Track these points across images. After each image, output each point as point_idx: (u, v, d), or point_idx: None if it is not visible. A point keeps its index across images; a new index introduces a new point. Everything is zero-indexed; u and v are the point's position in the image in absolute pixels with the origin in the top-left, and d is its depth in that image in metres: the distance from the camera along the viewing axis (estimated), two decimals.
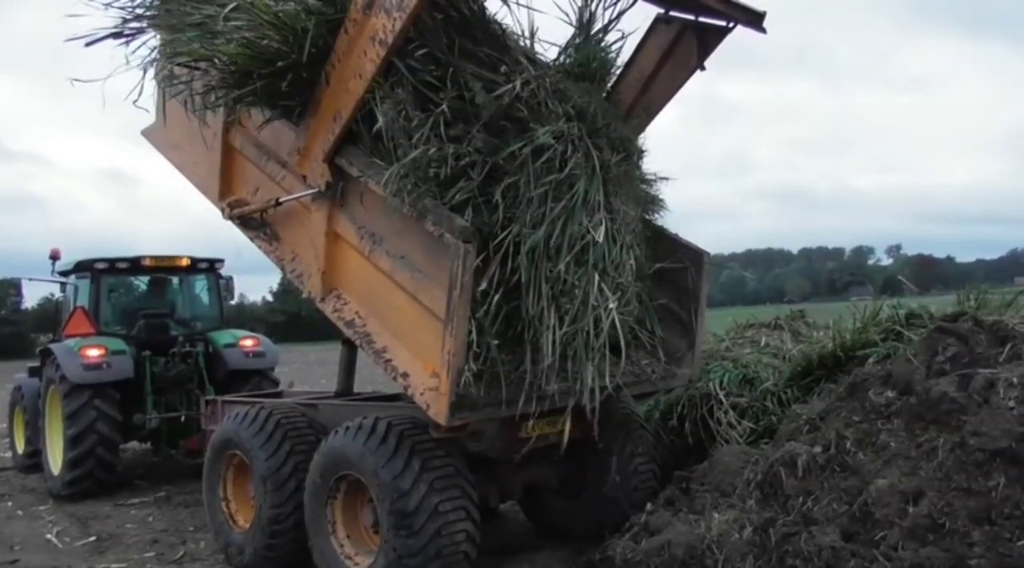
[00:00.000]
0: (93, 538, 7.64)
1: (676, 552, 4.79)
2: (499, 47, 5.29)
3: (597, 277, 4.87)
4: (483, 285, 4.68)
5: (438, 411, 4.57)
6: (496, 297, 4.75)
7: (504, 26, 5.56)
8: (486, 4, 5.36)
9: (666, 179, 6.10)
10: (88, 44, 6.03)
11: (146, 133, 7.47)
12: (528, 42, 5.71)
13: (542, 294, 4.79)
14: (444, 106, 4.82)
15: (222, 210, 6.40)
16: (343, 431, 5.41)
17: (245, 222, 6.28)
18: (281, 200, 5.81)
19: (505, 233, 4.81)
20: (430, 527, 4.92)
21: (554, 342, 4.73)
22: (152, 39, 6.20)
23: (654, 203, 6.07)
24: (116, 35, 6.09)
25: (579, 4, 5.88)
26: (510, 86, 4.98)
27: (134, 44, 6.13)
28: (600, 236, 4.93)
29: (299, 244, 5.81)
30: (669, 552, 4.82)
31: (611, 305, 4.85)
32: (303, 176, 5.52)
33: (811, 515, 4.69)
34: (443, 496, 5.00)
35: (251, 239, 6.28)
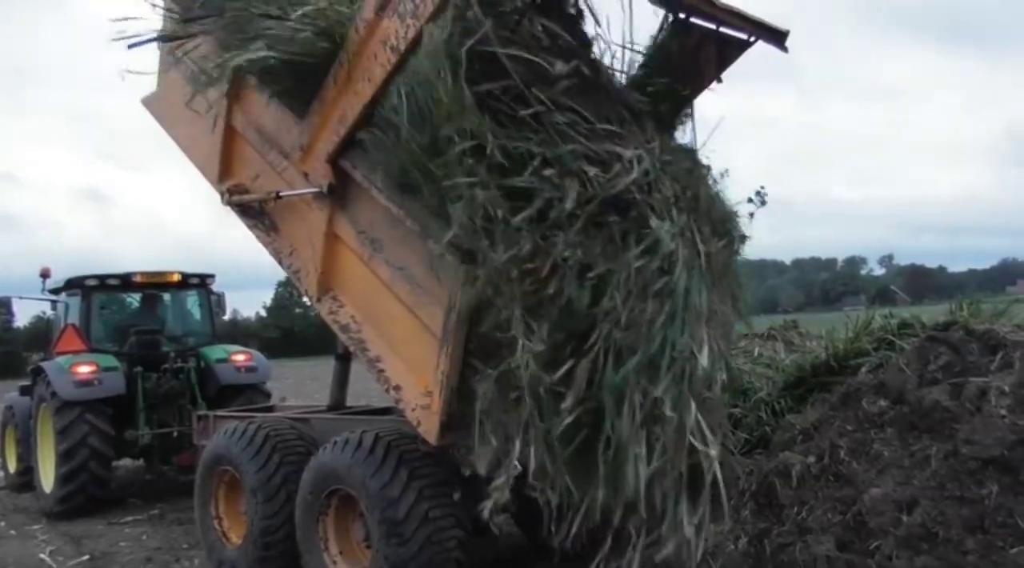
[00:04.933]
0: (87, 557, 7.59)
1: (671, 563, 4.77)
2: (615, 101, 4.63)
3: (695, 406, 3.99)
4: (568, 402, 3.94)
5: (428, 429, 4.54)
6: (573, 406, 3.96)
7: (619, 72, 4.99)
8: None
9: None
10: (131, 47, 5.87)
11: (146, 102, 7.25)
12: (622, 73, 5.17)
13: (634, 417, 3.91)
14: (538, 205, 4.03)
15: (221, 194, 6.26)
16: (331, 446, 5.41)
17: (244, 210, 6.15)
18: (282, 194, 5.68)
19: (595, 338, 3.99)
20: (421, 534, 4.89)
21: (641, 476, 3.89)
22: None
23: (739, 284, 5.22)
24: (164, 39, 5.99)
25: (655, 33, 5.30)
26: (630, 178, 4.20)
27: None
28: (704, 359, 4.07)
29: (297, 239, 5.70)
30: (664, 564, 4.80)
31: (713, 452, 3.98)
32: (305, 173, 5.41)
33: (806, 525, 4.69)
34: (433, 503, 4.96)
35: (248, 228, 6.14)
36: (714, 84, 5.65)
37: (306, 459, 5.68)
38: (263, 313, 67.75)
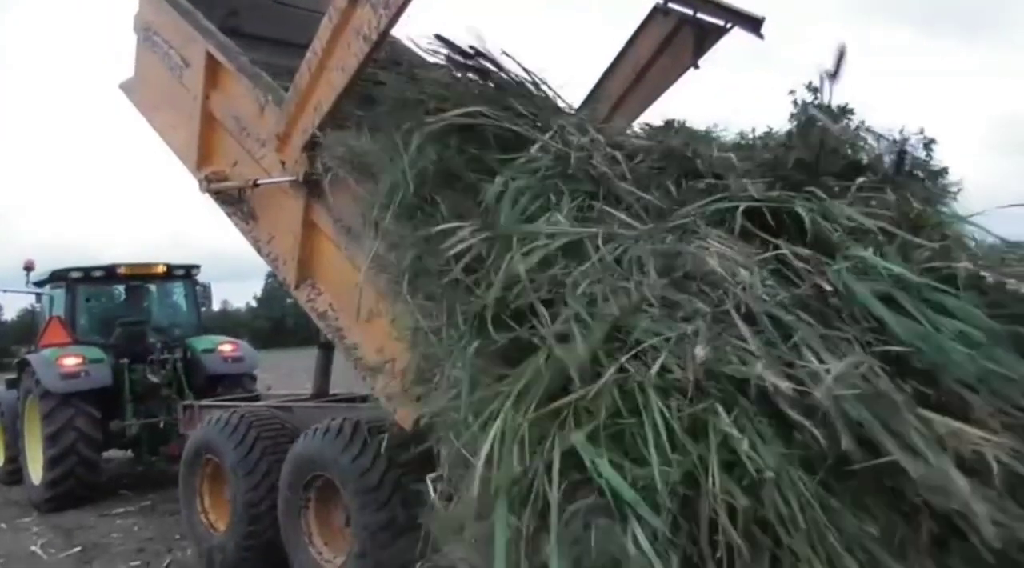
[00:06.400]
0: (78, 549, 7.62)
1: None
2: None
3: None
4: None
5: (402, 415, 4.58)
6: None
7: None
8: None
9: None
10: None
11: (124, 88, 7.14)
12: None
13: None
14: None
15: (200, 182, 6.19)
16: (303, 438, 5.51)
17: (222, 197, 6.09)
18: (260, 182, 5.64)
19: None
20: (397, 498, 4.92)
21: None
22: None
23: None
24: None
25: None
26: None
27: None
28: None
29: (276, 227, 5.67)
30: None
31: None
32: (282, 161, 5.37)
33: None
34: (406, 468, 4.88)
35: (227, 215, 6.10)
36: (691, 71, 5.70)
37: (285, 433, 5.79)
38: (253, 304, 67.65)
